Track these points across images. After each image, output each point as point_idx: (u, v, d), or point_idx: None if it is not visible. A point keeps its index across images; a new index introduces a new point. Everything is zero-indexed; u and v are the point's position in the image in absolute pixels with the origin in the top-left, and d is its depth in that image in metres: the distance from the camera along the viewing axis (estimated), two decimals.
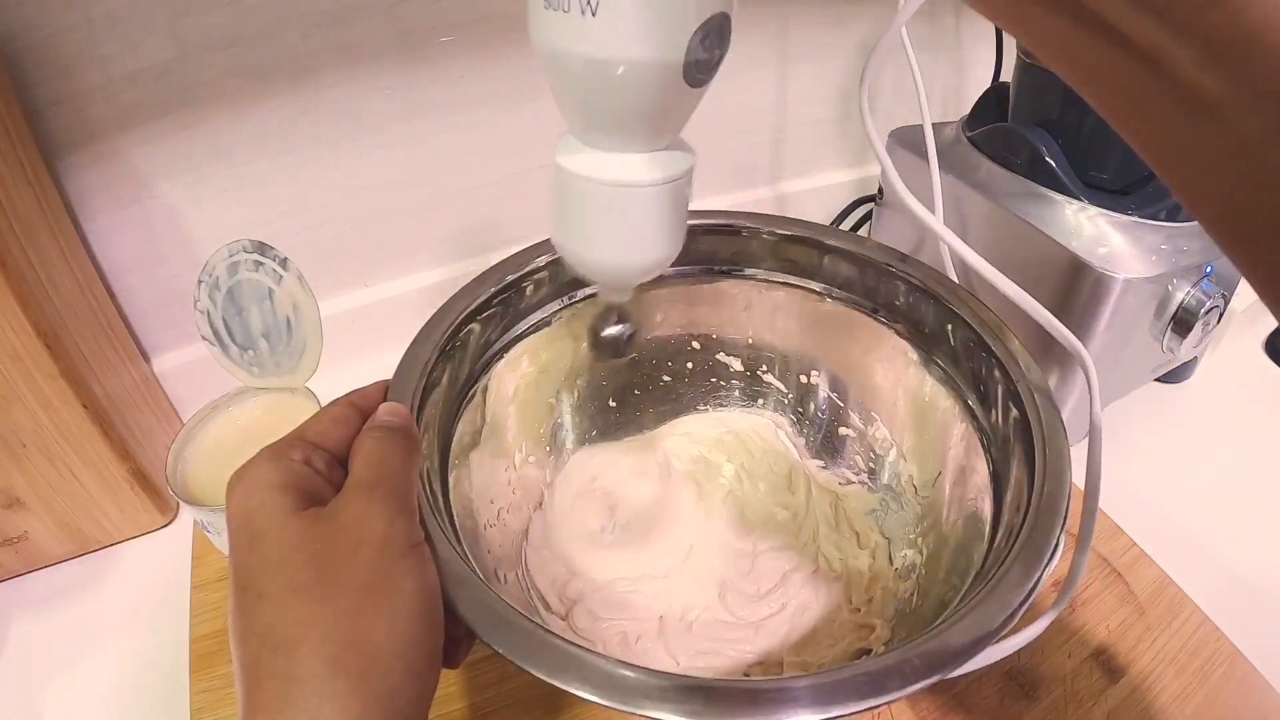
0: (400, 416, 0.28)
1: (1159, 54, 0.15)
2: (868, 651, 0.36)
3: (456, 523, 0.31)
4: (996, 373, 0.34)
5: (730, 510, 0.44)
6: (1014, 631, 0.28)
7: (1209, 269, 0.44)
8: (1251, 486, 0.50)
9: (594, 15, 0.20)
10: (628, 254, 0.25)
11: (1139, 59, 0.15)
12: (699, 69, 0.21)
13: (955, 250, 0.37)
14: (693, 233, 0.28)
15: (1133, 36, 0.15)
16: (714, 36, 0.21)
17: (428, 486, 0.29)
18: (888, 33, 0.40)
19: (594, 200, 0.24)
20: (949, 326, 0.38)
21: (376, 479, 0.25)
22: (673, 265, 0.43)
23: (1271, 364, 0.59)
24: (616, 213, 0.24)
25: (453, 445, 0.35)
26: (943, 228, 0.39)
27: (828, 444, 0.46)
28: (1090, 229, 0.44)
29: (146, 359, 0.51)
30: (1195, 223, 0.45)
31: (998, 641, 0.24)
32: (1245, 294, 0.56)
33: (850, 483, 0.44)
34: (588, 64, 0.21)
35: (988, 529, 0.31)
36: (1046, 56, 0.18)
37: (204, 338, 0.40)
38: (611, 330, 0.30)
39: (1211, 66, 0.14)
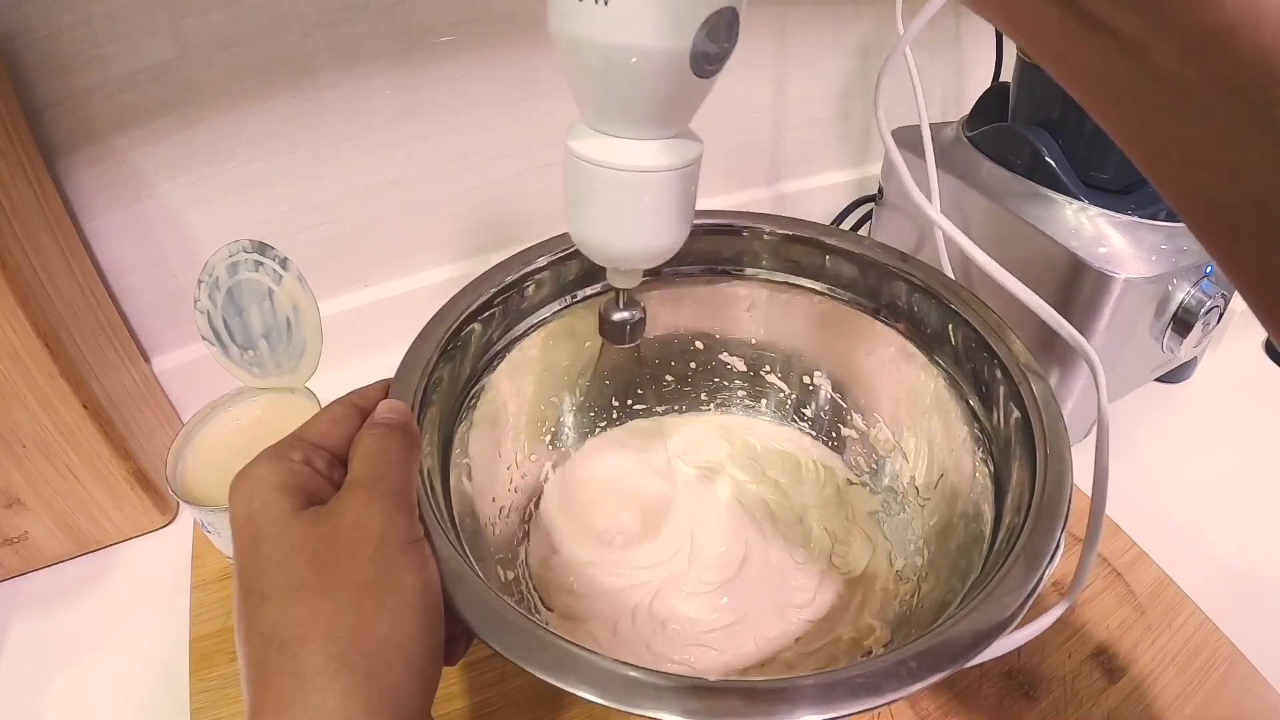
0: (399, 414, 0.28)
1: (1142, 46, 0.15)
2: (868, 652, 0.36)
3: (457, 521, 0.31)
4: (998, 373, 0.34)
5: (731, 510, 0.43)
6: (1019, 627, 0.28)
7: (1209, 269, 0.44)
8: (1251, 486, 0.50)
9: (605, 4, 0.21)
10: (635, 238, 0.26)
11: (1122, 51, 0.16)
12: (706, 60, 0.22)
13: (958, 243, 0.37)
14: (694, 232, 0.28)
15: (1117, 29, 0.15)
16: (721, 29, 0.22)
17: (428, 485, 0.29)
18: (896, 48, 0.41)
19: (602, 184, 0.25)
20: (950, 327, 0.38)
21: (375, 477, 0.25)
22: (675, 265, 0.44)
23: (1271, 364, 0.59)
24: (624, 197, 0.25)
25: (454, 444, 0.35)
26: (944, 220, 0.39)
27: (830, 445, 0.46)
28: (1090, 229, 0.44)
29: (146, 359, 0.51)
30: None
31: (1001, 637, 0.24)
32: None
33: (852, 484, 0.44)
34: (598, 51, 0.22)
35: (988, 530, 0.31)
36: (1034, 49, 0.18)
37: (204, 338, 0.40)
38: (619, 315, 0.31)
39: (1192, 59, 0.15)
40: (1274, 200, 0.15)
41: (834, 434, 0.46)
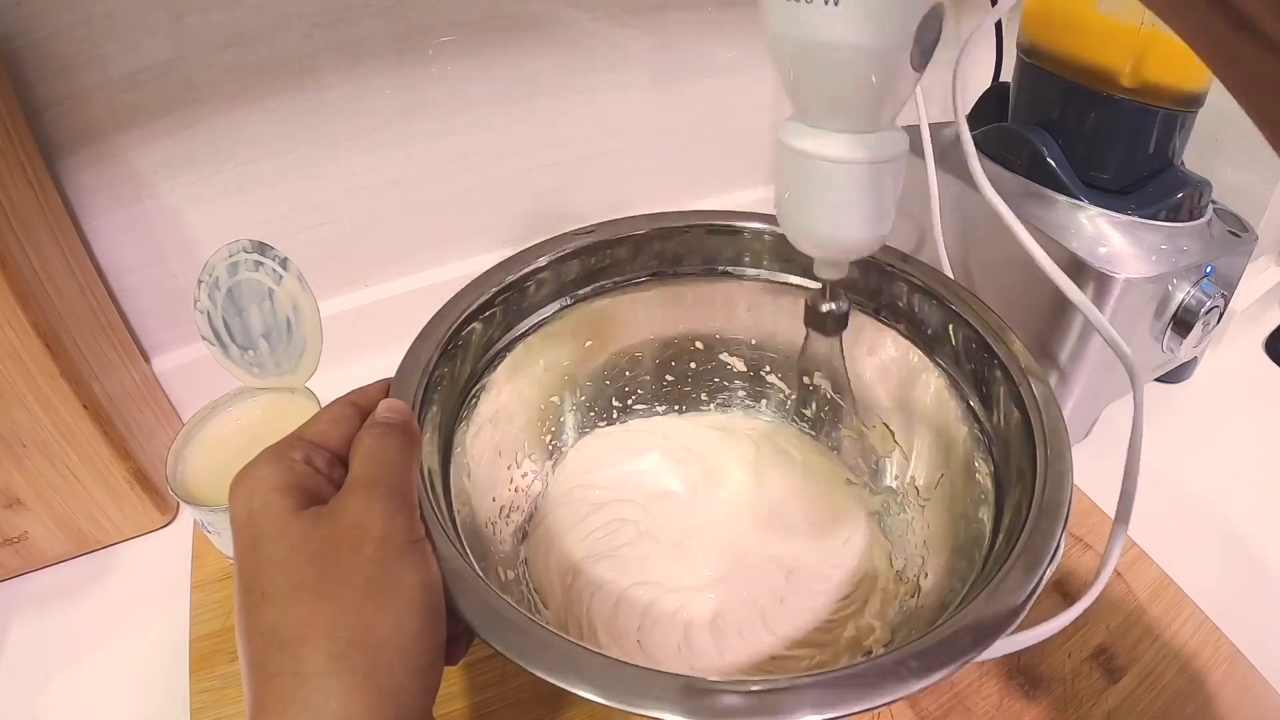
0: (399, 413, 0.28)
1: None
2: (868, 652, 0.36)
3: (457, 520, 0.31)
4: (998, 373, 0.34)
5: (731, 509, 0.43)
6: (1027, 627, 0.28)
7: (1209, 269, 0.44)
8: (1251, 486, 0.50)
9: (836, 5, 0.22)
10: (849, 228, 0.27)
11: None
12: (922, 54, 0.24)
13: (1008, 227, 0.38)
14: (694, 232, 0.28)
15: (1270, 36, 0.16)
16: (936, 23, 0.23)
17: (428, 484, 0.29)
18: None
19: (821, 176, 0.26)
20: (950, 327, 0.38)
21: (376, 476, 0.25)
22: (674, 264, 0.44)
23: (1272, 364, 0.59)
24: (841, 187, 0.26)
25: (454, 444, 0.35)
26: (993, 195, 0.39)
27: (830, 445, 0.46)
28: (1090, 229, 0.44)
29: (146, 359, 0.51)
30: (1195, 223, 0.45)
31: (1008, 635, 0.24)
32: (1245, 294, 0.56)
33: (852, 484, 0.44)
34: (830, 51, 0.23)
35: (988, 530, 0.31)
36: (1198, 50, 0.18)
37: (204, 338, 0.40)
38: (827, 306, 0.32)
39: None
40: None
41: (834, 434, 0.46)
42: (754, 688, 0.22)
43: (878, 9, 0.22)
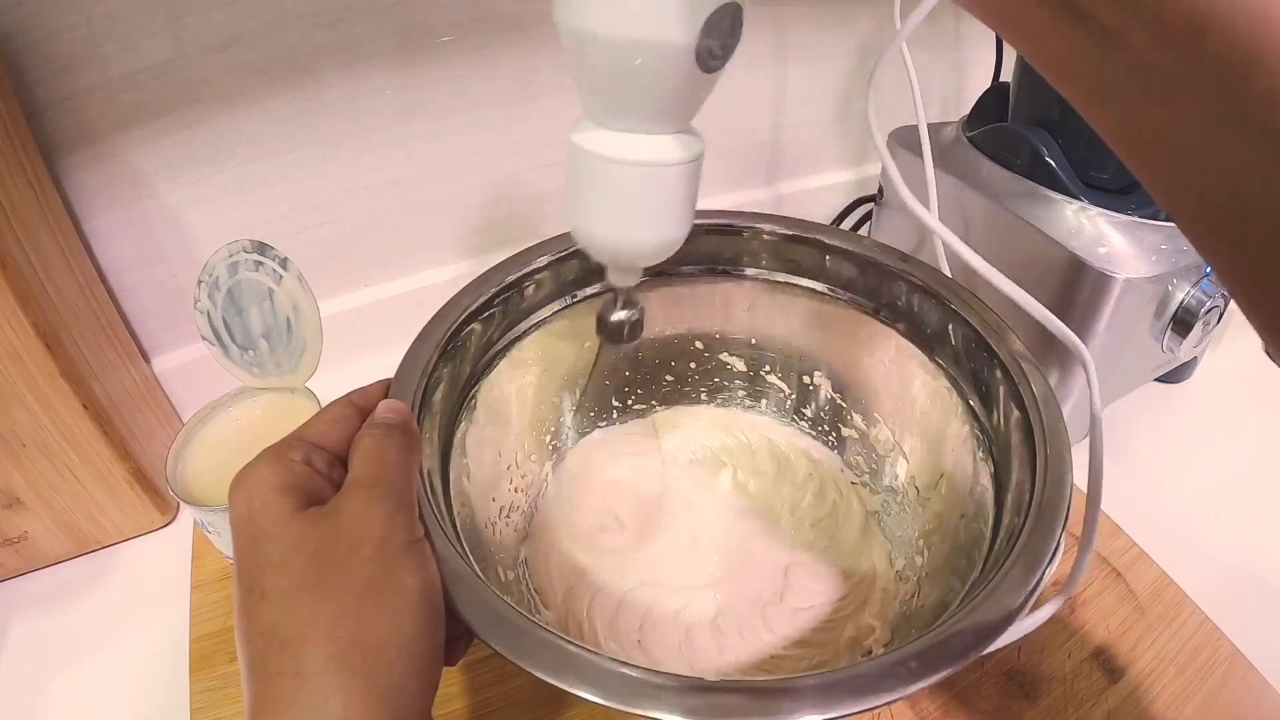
0: (399, 413, 0.28)
1: (1120, 35, 0.16)
2: (868, 652, 0.36)
3: (457, 521, 0.31)
4: (998, 373, 0.34)
5: (731, 509, 0.43)
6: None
7: (1209, 269, 0.44)
8: (1251, 486, 0.50)
9: None
10: (635, 234, 0.26)
11: (1102, 40, 0.16)
12: (711, 54, 0.22)
13: (952, 247, 0.37)
14: (694, 232, 0.28)
15: (1094, 17, 0.16)
16: (726, 23, 0.22)
17: (428, 484, 0.29)
18: (891, 44, 0.41)
19: (604, 178, 0.25)
20: (950, 327, 0.38)
21: (375, 477, 0.25)
22: (675, 265, 0.44)
23: (1271, 364, 0.59)
24: (626, 191, 0.25)
25: (454, 444, 0.35)
26: (939, 225, 0.39)
27: (830, 445, 0.46)
28: (1090, 229, 0.44)
29: (146, 359, 0.51)
30: None
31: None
32: None
33: (852, 484, 0.44)
34: (604, 43, 0.22)
35: (988, 530, 0.31)
36: (1018, 41, 0.18)
37: (204, 338, 0.40)
38: (618, 315, 0.31)
39: (1166, 47, 0.15)
40: (1248, 188, 0.16)
41: (834, 434, 0.46)
42: (754, 688, 0.23)
43: (657, 4, 0.21)
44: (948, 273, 0.43)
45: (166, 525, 0.47)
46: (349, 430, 0.27)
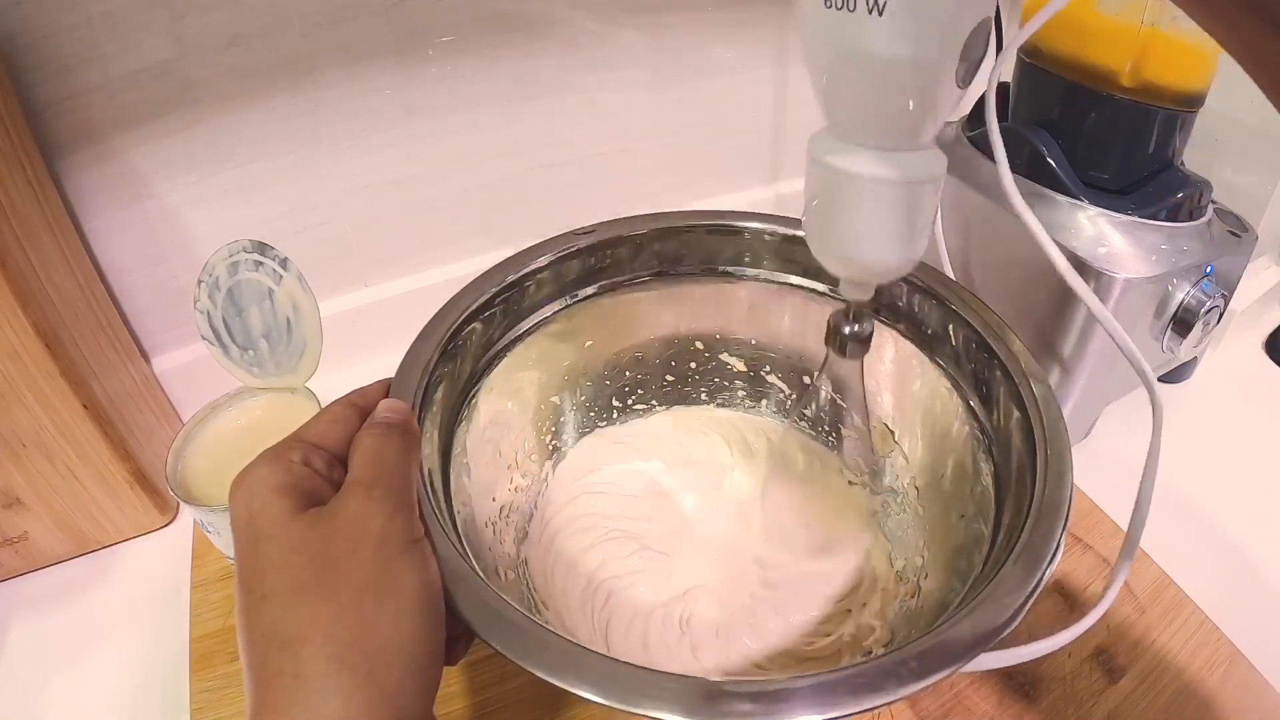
0: (399, 413, 0.28)
1: None
2: (868, 652, 0.36)
3: (457, 520, 0.31)
4: (998, 373, 0.34)
5: (732, 510, 0.43)
6: (1026, 635, 0.28)
7: (1209, 269, 0.44)
8: (1251, 486, 0.50)
9: (881, 15, 0.20)
10: (875, 251, 0.26)
11: None
12: (968, 70, 0.22)
13: (1003, 183, 0.36)
14: (694, 232, 0.28)
15: None
16: (983, 38, 0.22)
17: (428, 484, 0.29)
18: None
19: (849, 194, 0.25)
20: (950, 326, 0.38)
21: (375, 477, 0.25)
22: (675, 264, 0.44)
23: (1272, 364, 0.59)
24: (870, 208, 0.25)
25: (454, 444, 0.35)
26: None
27: (830, 445, 0.46)
28: (1090, 229, 0.44)
29: (146, 359, 0.51)
30: (1195, 223, 0.45)
31: (1014, 645, 0.24)
32: (1245, 294, 0.57)
33: (852, 484, 0.44)
34: (871, 62, 0.22)
35: (989, 530, 0.31)
36: (1257, 76, 0.18)
37: (204, 338, 0.40)
38: (850, 328, 0.31)
39: None
40: None
41: (834, 434, 0.46)
42: (754, 688, 0.22)
43: (927, 20, 0.21)
44: (949, 273, 0.43)
45: (166, 525, 0.47)
46: (349, 430, 0.27)
